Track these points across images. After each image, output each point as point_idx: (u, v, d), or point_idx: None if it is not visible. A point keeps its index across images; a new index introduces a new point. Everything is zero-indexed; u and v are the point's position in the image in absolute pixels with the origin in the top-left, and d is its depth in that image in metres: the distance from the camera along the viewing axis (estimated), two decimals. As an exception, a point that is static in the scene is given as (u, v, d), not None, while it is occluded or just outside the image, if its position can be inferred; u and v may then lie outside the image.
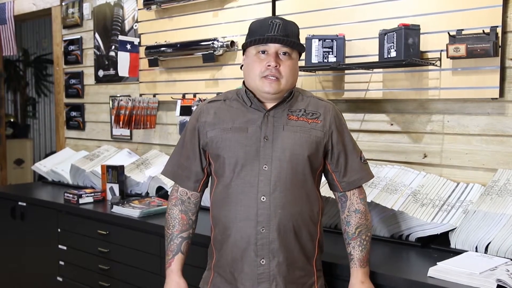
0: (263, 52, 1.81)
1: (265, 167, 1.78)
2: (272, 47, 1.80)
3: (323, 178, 1.98)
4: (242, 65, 1.92)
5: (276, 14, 3.06)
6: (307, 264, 1.85)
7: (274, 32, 1.79)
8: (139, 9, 3.89)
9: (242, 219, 1.78)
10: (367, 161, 2.00)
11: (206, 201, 2.27)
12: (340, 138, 1.89)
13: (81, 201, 3.30)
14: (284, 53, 1.81)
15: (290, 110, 1.85)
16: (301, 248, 1.82)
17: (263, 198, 1.77)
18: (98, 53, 4.36)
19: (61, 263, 3.43)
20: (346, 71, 2.79)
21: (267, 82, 1.80)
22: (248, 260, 1.78)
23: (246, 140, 1.81)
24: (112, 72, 4.23)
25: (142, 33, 3.88)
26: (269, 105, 1.86)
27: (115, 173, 3.42)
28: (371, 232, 1.96)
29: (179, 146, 2.00)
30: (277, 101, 1.85)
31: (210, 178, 1.98)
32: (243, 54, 1.91)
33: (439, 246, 2.21)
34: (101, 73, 4.35)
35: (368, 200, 2.35)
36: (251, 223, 1.77)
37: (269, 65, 1.78)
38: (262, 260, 1.77)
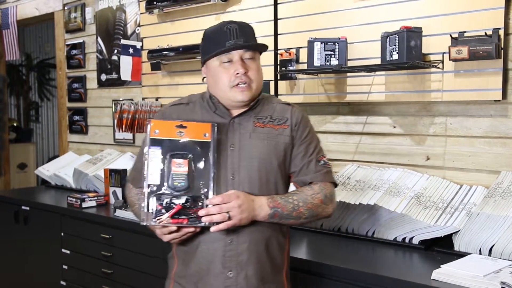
0: (228, 61, 1.73)
1: (232, 177, 1.71)
2: (236, 54, 1.73)
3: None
4: (204, 77, 1.86)
5: (278, 17, 3.07)
6: (277, 276, 1.79)
7: (233, 38, 1.71)
8: (141, 13, 3.90)
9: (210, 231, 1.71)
10: (330, 166, 1.84)
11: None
12: (302, 140, 1.80)
13: (84, 205, 3.30)
14: (249, 58, 1.75)
15: (256, 117, 1.79)
16: (271, 261, 1.76)
17: None
18: (100, 57, 4.37)
19: (65, 267, 3.44)
20: (349, 74, 2.79)
21: (238, 91, 1.73)
22: (215, 272, 1.71)
23: None
24: (114, 76, 4.24)
25: (144, 37, 3.88)
26: (235, 112, 1.78)
27: (118, 177, 3.43)
28: (310, 214, 1.73)
29: (140, 151, 1.88)
30: (244, 108, 1.78)
31: None
32: (202, 66, 1.83)
33: (443, 248, 2.21)
34: (103, 77, 4.36)
35: (371, 202, 2.35)
36: (219, 234, 1.68)
37: (237, 73, 1.71)
38: (230, 272, 1.70)
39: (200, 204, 1.63)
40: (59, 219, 3.45)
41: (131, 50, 3.83)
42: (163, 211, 1.62)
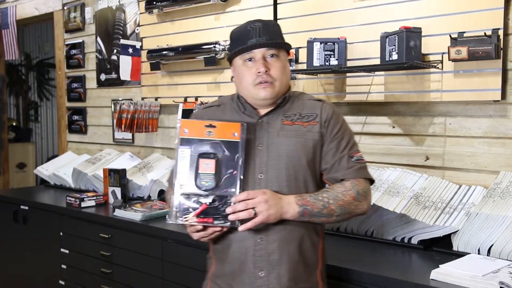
0: (250, 59, 1.75)
1: (261, 176, 1.71)
2: (258, 53, 1.73)
3: None
4: (232, 77, 1.88)
5: (278, 17, 3.07)
6: (311, 276, 1.77)
7: (256, 37, 1.72)
8: (141, 13, 3.90)
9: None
10: (364, 162, 1.82)
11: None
12: (334, 136, 1.78)
13: (83, 204, 3.30)
14: (271, 55, 1.74)
15: (284, 115, 1.78)
16: (304, 260, 1.74)
17: None
18: (100, 57, 4.37)
19: (64, 266, 3.43)
20: (348, 74, 2.79)
21: (261, 88, 1.73)
22: (247, 272, 1.71)
23: None
24: (114, 76, 4.24)
25: (144, 37, 3.89)
26: (263, 111, 1.79)
27: (117, 176, 3.42)
28: (342, 211, 1.71)
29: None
30: (271, 107, 1.79)
31: None
32: (230, 65, 1.85)
33: (442, 248, 2.21)
34: (103, 77, 4.36)
35: (370, 203, 2.35)
36: (248, 233, 1.69)
37: (259, 72, 1.72)
38: (261, 272, 1.69)
39: (227, 203, 1.64)
40: (58, 219, 3.45)
41: (130, 50, 3.83)
42: (191, 210, 1.64)
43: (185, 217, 1.63)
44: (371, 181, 1.82)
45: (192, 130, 1.68)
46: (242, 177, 1.67)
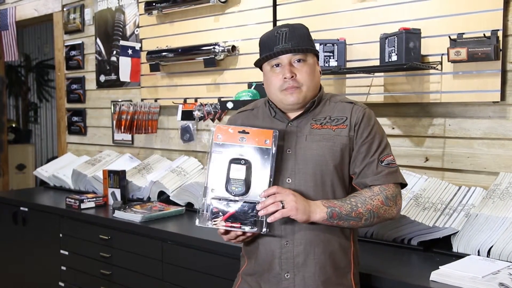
0: (277, 65, 1.76)
1: (289, 180, 1.73)
2: (284, 59, 1.75)
3: None
4: (262, 82, 1.89)
5: (277, 18, 3.07)
6: (343, 279, 1.77)
7: (282, 43, 1.74)
8: (140, 14, 3.90)
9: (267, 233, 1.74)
10: (395, 166, 1.77)
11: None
12: (364, 140, 1.76)
13: (82, 206, 3.30)
14: (298, 60, 1.75)
15: (314, 119, 1.78)
16: (333, 264, 1.74)
17: None
18: (99, 58, 4.37)
19: (63, 268, 3.43)
20: (347, 75, 2.79)
21: (288, 94, 1.75)
22: (273, 273, 1.75)
23: None
24: (113, 77, 4.24)
25: (143, 38, 3.89)
26: (292, 116, 1.81)
27: (117, 178, 3.42)
28: (370, 215, 1.70)
29: None
30: (300, 111, 1.79)
31: None
32: (261, 70, 1.86)
33: (441, 250, 2.21)
34: (102, 78, 4.36)
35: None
36: (275, 237, 1.73)
37: (285, 78, 1.74)
38: (287, 274, 1.72)
39: (256, 209, 1.66)
40: (57, 220, 3.45)
41: (130, 51, 3.83)
42: (220, 214, 1.68)
43: (214, 221, 1.67)
44: (403, 185, 1.80)
45: (226, 136, 1.72)
46: (272, 180, 1.68)
